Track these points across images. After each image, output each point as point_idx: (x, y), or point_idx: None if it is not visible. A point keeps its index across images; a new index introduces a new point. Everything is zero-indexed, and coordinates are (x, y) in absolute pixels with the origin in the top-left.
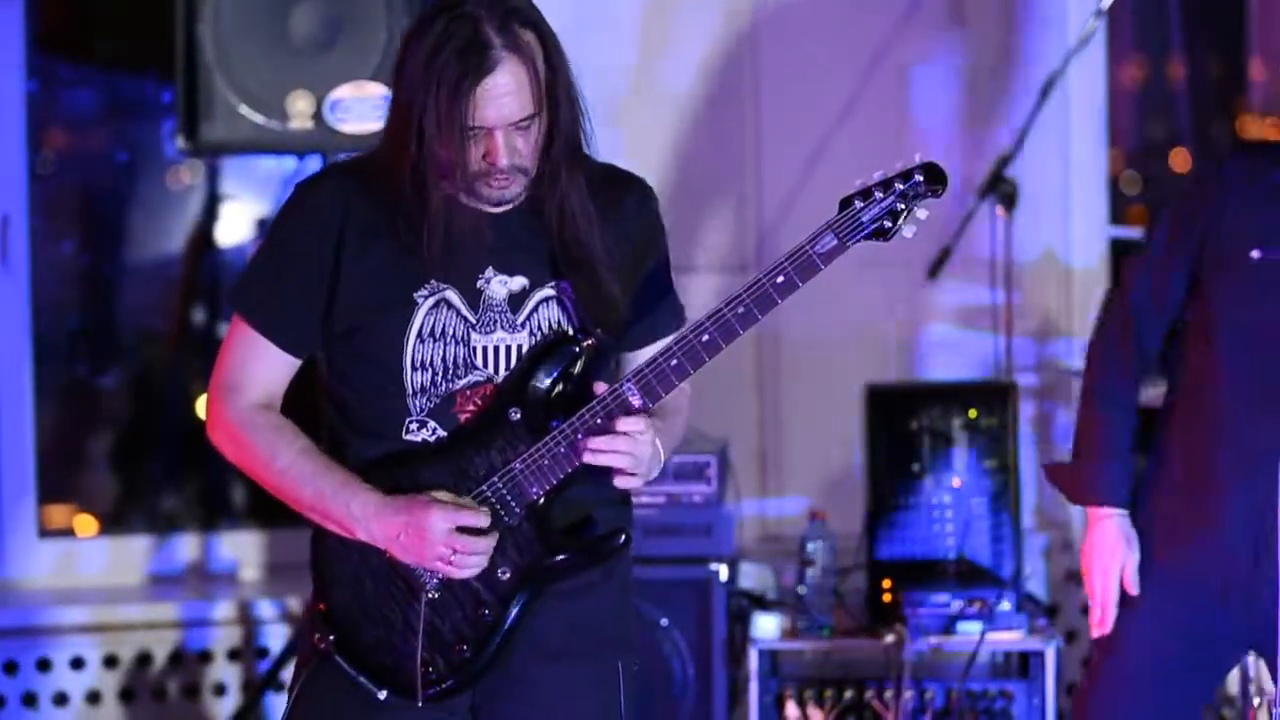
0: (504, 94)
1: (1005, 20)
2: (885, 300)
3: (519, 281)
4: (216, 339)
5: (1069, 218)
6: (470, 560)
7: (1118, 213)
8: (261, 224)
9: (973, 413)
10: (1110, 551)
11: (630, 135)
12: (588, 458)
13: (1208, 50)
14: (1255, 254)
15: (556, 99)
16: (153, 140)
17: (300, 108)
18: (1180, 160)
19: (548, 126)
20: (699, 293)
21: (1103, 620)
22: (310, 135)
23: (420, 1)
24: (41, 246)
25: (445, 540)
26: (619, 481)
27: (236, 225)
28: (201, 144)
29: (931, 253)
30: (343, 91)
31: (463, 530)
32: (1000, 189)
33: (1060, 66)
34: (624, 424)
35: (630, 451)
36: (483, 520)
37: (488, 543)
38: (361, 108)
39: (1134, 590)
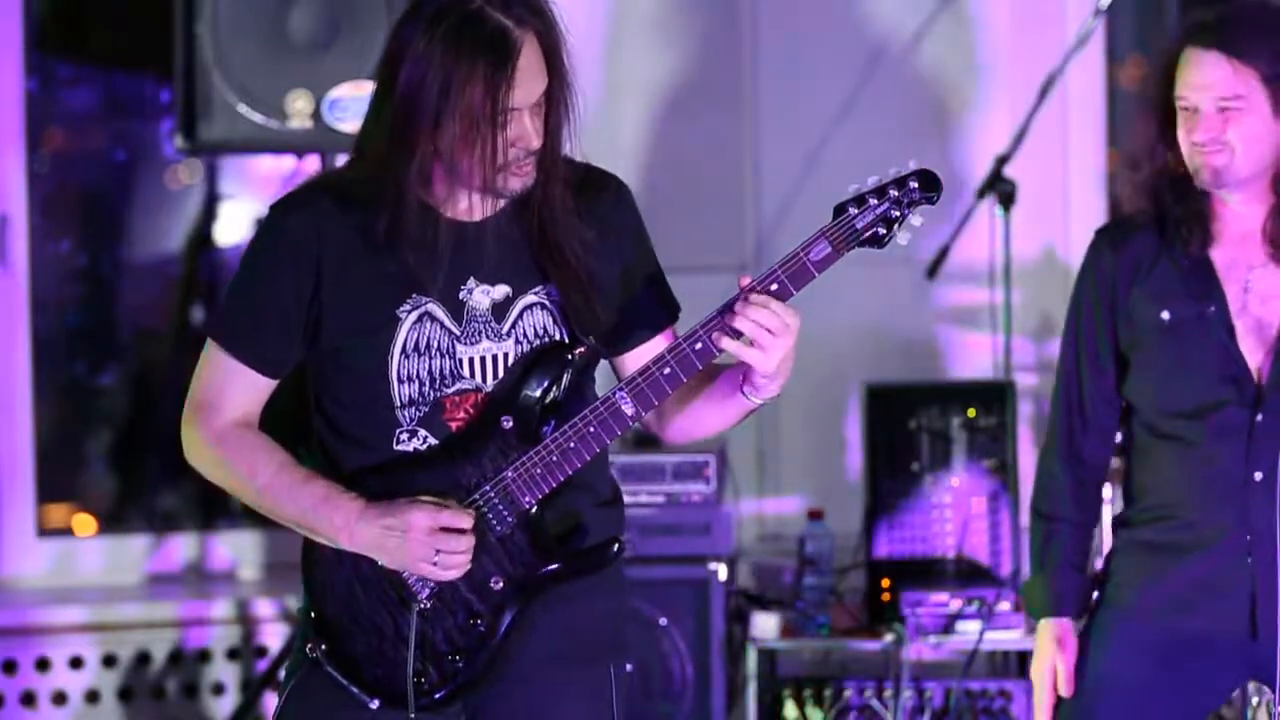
0: (528, 71)
1: (1004, 19)
2: (884, 299)
3: (501, 290)
4: None
5: (1068, 217)
6: (454, 560)
7: (1116, 212)
8: (259, 224)
9: (971, 412)
10: (1041, 656)
11: (627, 134)
12: (738, 322)
13: None
14: (1165, 315)
15: (560, 65)
16: (151, 139)
17: (299, 107)
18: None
19: (550, 102)
20: (696, 293)
21: None
22: (309, 134)
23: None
24: (40, 246)
25: (428, 539)
26: (748, 356)
27: (235, 224)
28: (200, 143)
29: (930, 252)
30: (341, 91)
31: (446, 530)
32: (999, 188)
33: (1059, 65)
34: (778, 306)
35: (769, 323)
36: (465, 521)
37: (469, 541)
38: (360, 107)
39: (1066, 692)
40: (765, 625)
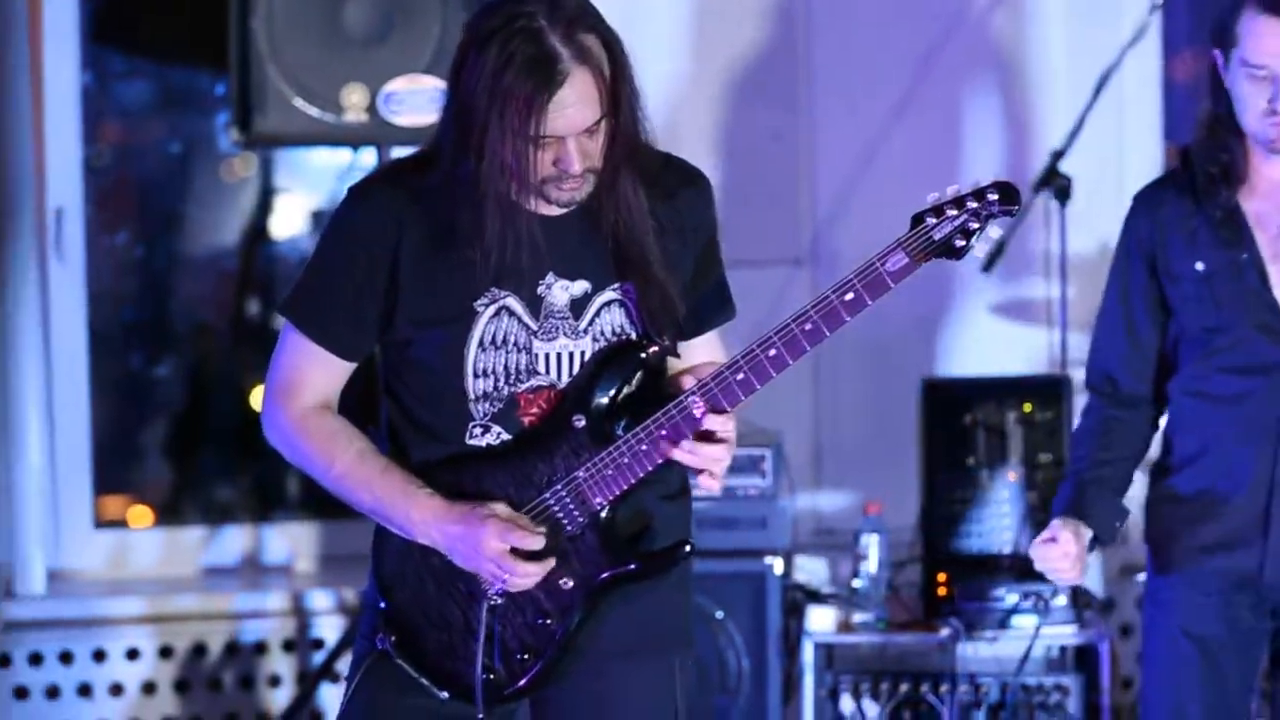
0: (574, 103)
1: (1059, 13)
2: (940, 294)
3: (581, 286)
4: (270, 331)
5: (1123, 211)
6: (520, 583)
7: None
8: (316, 216)
9: (1027, 406)
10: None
11: (684, 127)
12: (677, 454)
13: None
14: (1200, 266)
15: (619, 100)
16: (206, 133)
17: (354, 100)
18: None
19: (611, 127)
20: (753, 286)
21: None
22: (364, 128)
23: None
24: (96, 239)
25: (497, 559)
26: (704, 482)
27: (290, 218)
28: (255, 136)
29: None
30: (396, 84)
31: (516, 551)
32: (1054, 183)
33: (1115, 60)
34: (715, 424)
35: (721, 457)
36: (537, 543)
37: (539, 568)
38: (415, 100)
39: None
40: (821, 619)
